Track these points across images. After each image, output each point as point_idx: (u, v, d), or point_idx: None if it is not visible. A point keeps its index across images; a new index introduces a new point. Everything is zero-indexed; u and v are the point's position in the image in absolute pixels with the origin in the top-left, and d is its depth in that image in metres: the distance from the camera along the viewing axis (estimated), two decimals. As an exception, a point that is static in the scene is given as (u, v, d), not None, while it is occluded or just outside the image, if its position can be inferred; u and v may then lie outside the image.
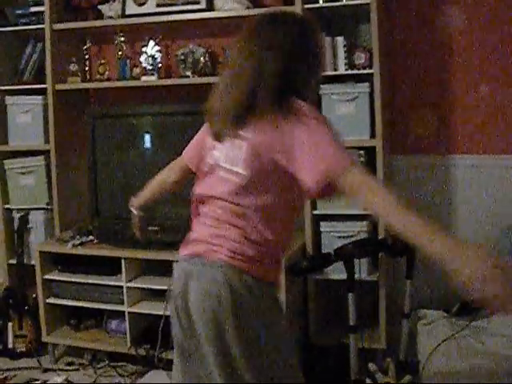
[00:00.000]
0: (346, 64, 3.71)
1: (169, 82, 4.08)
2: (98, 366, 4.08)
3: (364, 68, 3.69)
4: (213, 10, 3.93)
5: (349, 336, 3.44)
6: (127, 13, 4.11)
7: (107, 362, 4.09)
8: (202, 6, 3.93)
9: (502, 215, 3.80)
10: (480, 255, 1.68)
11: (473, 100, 3.87)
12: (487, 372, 3.11)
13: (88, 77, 4.38)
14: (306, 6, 3.67)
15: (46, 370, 4.07)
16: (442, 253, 1.73)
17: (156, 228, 3.87)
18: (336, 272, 3.64)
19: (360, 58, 3.70)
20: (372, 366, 3.43)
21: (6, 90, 4.34)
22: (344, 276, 3.47)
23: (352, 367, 3.44)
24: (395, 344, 3.62)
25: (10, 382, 3.87)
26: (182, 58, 4.06)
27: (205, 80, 3.90)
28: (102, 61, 4.31)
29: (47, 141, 4.26)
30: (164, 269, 3.84)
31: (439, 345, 3.31)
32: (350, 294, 3.42)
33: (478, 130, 3.87)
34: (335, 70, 3.73)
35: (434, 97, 3.93)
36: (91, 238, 4.11)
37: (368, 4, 3.56)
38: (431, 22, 3.88)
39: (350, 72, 3.71)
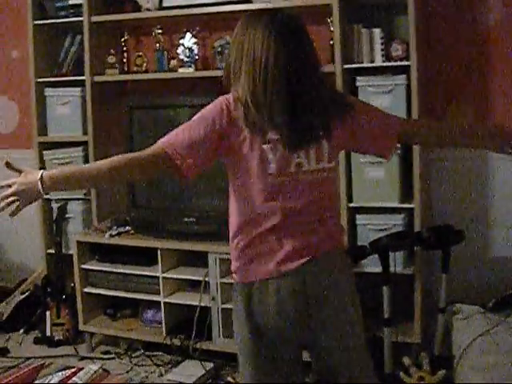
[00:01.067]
0: (382, 56, 3.69)
1: (205, 73, 4.10)
2: (134, 355, 4.13)
3: (401, 60, 3.65)
4: (250, 1, 3.93)
5: (383, 329, 3.44)
6: (164, 5, 4.13)
7: (143, 351, 4.13)
8: (239, -3, 3.93)
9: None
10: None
11: (511, 92, 3.82)
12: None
13: (126, 69, 4.41)
14: (344, -3, 3.66)
15: (82, 358, 4.13)
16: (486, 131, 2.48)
17: (192, 219, 3.91)
18: (371, 265, 3.62)
19: (397, 49, 3.67)
20: (406, 360, 3.42)
21: (45, 82, 4.40)
22: (379, 269, 3.46)
23: (386, 360, 3.44)
24: (430, 338, 3.60)
25: (46, 368, 3.92)
26: (219, 49, 4.07)
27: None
28: (140, 53, 4.34)
29: (85, 132, 4.32)
30: (199, 260, 3.88)
31: (474, 340, 3.28)
32: (385, 287, 3.41)
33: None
34: (372, 61, 3.71)
35: (471, 89, 3.88)
36: (128, 228, 4.15)
37: (405, -5, 3.53)
38: (469, 13, 3.83)
39: (386, 64, 3.69)
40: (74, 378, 3.63)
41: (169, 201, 4.05)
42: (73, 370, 3.74)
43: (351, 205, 3.76)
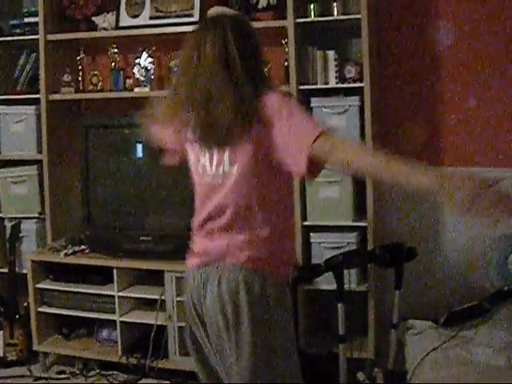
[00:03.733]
0: (336, 77, 3.77)
1: (161, 93, 4.12)
2: (89, 374, 4.09)
3: (354, 81, 3.74)
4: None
5: (338, 345, 3.47)
6: (121, 24, 4.16)
7: (98, 370, 4.10)
8: (195, 18, 3.97)
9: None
10: (467, 178, 1.83)
11: (462, 113, 3.92)
12: (474, 382, 3.14)
13: (81, 87, 4.41)
14: (298, 20, 3.72)
15: (36, 379, 4.09)
16: (431, 184, 1.84)
17: (148, 238, 3.91)
18: (325, 282, 3.68)
19: (350, 71, 3.75)
20: (361, 376, 3.47)
21: (-1, 100, 4.37)
22: (333, 286, 3.50)
23: (341, 376, 3.46)
24: (384, 354, 3.65)
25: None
26: (175, 69, 4.10)
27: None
28: (95, 72, 4.34)
29: (40, 150, 4.29)
30: (156, 278, 3.89)
31: (427, 355, 3.33)
32: (340, 304, 3.45)
33: (467, 143, 3.93)
34: (326, 83, 3.78)
35: (423, 109, 3.98)
36: (83, 247, 4.13)
37: (359, 19, 3.62)
38: (421, 35, 3.94)
39: (340, 85, 3.76)
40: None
41: (124, 219, 4.04)
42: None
43: (305, 223, 3.82)
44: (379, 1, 3.92)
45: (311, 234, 3.82)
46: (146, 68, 4.14)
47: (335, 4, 3.75)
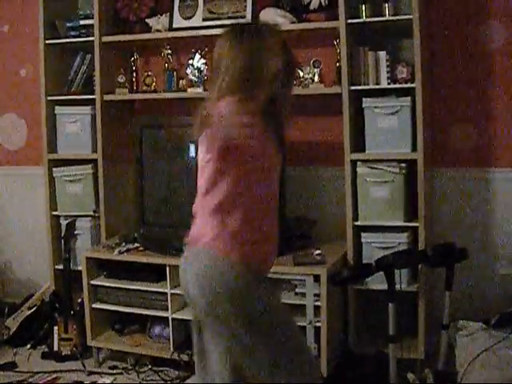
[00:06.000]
0: (388, 78, 3.77)
1: (214, 94, 4.17)
2: (141, 370, 4.16)
3: (406, 82, 3.74)
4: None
5: (388, 346, 3.49)
6: (174, 26, 4.23)
7: (150, 366, 4.16)
8: (248, 19, 4.02)
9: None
10: None
11: (513, 113, 3.90)
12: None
13: (135, 88, 4.48)
14: (350, 20, 3.74)
15: (90, 373, 4.16)
16: None
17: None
18: (376, 282, 3.69)
19: (402, 72, 3.76)
20: (410, 376, 3.47)
21: (55, 101, 4.47)
22: (384, 286, 3.52)
23: (391, 377, 3.48)
24: (434, 354, 3.65)
25: (58, 382, 3.97)
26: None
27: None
28: (149, 72, 4.42)
29: (95, 150, 4.39)
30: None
31: (478, 356, 3.32)
32: (391, 304, 3.46)
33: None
34: (377, 83, 3.80)
35: (474, 110, 3.96)
36: (137, 245, 4.21)
37: (410, 19, 3.62)
38: (472, 36, 3.92)
39: (392, 86, 3.77)
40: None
41: (177, 217, 4.09)
42: (86, 383, 3.76)
43: (356, 223, 3.84)
44: (431, 1, 3.91)
45: (362, 233, 3.83)
46: (198, 69, 4.19)
47: (387, 5, 3.76)
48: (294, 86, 3.93)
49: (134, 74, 4.48)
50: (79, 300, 4.32)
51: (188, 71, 4.23)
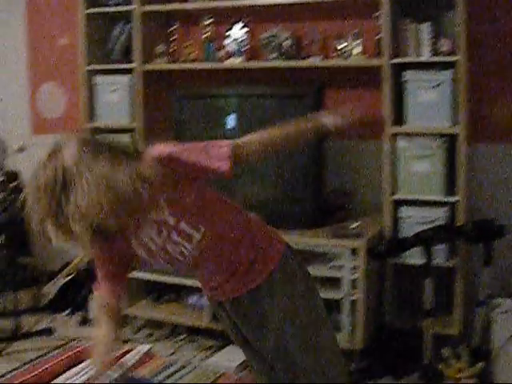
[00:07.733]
0: (430, 51, 3.72)
1: (253, 64, 4.16)
2: (177, 338, 4.20)
3: (448, 55, 3.69)
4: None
5: (424, 320, 3.48)
6: (214, -5, 4.19)
7: (186, 335, 4.21)
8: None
9: None
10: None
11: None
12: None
13: (174, 58, 4.47)
14: (393, -9, 3.69)
15: (126, 341, 4.20)
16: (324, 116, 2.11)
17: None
18: (414, 257, 3.67)
19: (444, 44, 3.70)
20: (445, 352, 3.46)
21: (94, 70, 4.48)
22: (421, 261, 3.51)
23: (425, 351, 3.48)
24: (470, 331, 3.64)
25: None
26: (266, 41, 4.12)
27: (289, 63, 4.00)
28: (188, 42, 4.41)
29: (133, 119, 4.40)
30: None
31: (514, 333, 3.32)
32: (427, 279, 3.45)
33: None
34: (418, 56, 3.74)
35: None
36: (174, 215, 4.20)
37: (454, -11, 3.55)
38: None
39: (434, 59, 3.72)
40: (123, 359, 3.68)
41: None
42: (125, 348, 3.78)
43: (394, 197, 3.81)
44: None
45: (400, 207, 3.81)
46: (239, 39, 4.16)
47: (430, -24, 3.70)
48: (334, 57, 3.94)
49: (173, 44, 4.47)
50: (116, 268, 4.35)
51: (228, 41, 4.21)
